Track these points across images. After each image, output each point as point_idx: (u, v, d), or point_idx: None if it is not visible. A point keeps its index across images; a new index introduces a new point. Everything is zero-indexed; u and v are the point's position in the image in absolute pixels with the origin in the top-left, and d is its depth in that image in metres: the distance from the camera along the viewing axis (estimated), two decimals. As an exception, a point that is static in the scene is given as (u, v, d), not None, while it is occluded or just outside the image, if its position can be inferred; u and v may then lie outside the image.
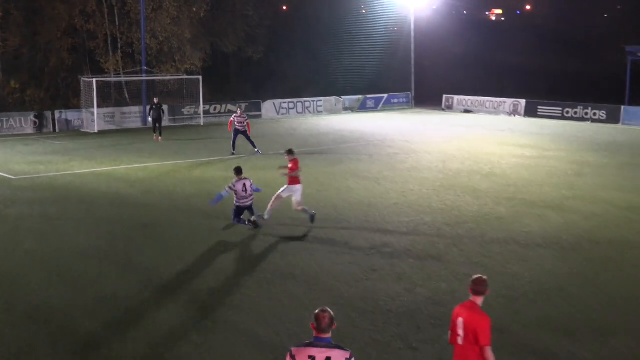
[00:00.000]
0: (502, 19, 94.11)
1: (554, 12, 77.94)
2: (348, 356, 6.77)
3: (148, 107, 40.05)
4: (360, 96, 55.74)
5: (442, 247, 16.48)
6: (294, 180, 18.22)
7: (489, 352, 7.94)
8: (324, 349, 6.77)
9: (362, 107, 55.32)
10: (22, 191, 23.23)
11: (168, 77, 48.78)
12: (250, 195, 18.20)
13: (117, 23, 50.27)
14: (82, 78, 44.10)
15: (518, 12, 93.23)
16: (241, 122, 31.35)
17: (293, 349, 6.90)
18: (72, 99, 47.64)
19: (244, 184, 18.12)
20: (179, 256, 15.67)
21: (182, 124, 45.27)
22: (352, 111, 54.43)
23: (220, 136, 38.07)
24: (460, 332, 8.05)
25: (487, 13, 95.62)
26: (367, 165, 28.45)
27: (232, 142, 31.52)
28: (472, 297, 8.28)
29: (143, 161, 29.41)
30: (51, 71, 50.29)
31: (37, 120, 41.37)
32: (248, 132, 31.54)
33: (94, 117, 41.65)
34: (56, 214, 19.87)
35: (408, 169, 27.48)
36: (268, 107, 50.45)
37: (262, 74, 59.38)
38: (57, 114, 42.21)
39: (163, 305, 12.73)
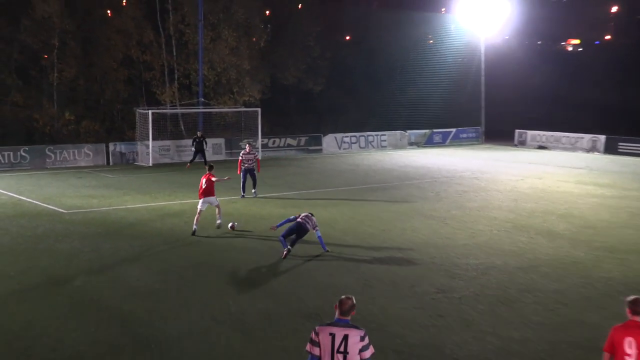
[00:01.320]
0: (580, 49, 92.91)
1: (635, 42, 76.69)
2: (362, 334, 8.38)
3: (191, 140, 40.70)
4: (426, 130, 55.55)
5: (513, 292, 16.16)
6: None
7: None
8: (342, 328, 8.39)
9: (429, 142, 55.09)
10: (74, 226, 23.60)
11: (225, 109, 49.43)
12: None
13: (174, 54, 51.28)
14: (138, 110, 44.99)
15: (597, 43, 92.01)
16: (250, 160, 29.24)
17: (317, 327, 8.50)
18: (127, 131, 48.86)
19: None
20: (234, 297, 15.67)
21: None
22: (418, 146, 54.25)
23: (279, 171, 38.26)
24: (631, 351, 8.31)
25: (562, 43, 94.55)
26: (433, 203, 28.21)
27: (241, 185, 29.31)
28: (632, 317, 8.57)
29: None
30: (106, 103, 51.67)
31: (90, 153, 42.15)
32: (257, 169, 29.55)
33: (149, 150, 42.44)
34: (108, 250, 20.10)
35: (477, 208, 27.17)
36: (329, 141, 50.61)
37: (323, 106, 59.78)
38: (111, 147, 43.00)
39: (218, 346, 12.69)
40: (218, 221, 23.10)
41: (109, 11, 53.77)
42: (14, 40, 48.72)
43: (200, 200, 22.83)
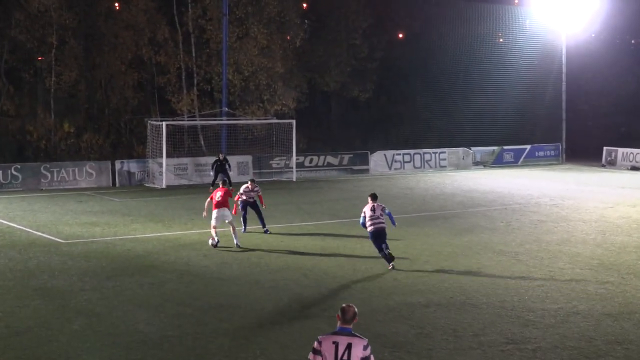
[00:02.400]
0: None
1: None
2: (365, 343, 9.60)
3: (212, 162, 40.99)
4: (495, 148, 55.39)
5: (601, 344, 15.96)
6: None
7: None
8: (345, 337, 9.58)
9: (498, 162, 54.89)
10: (73, 259, 23.74)
11: (254, 121, 49.59)
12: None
13: (193, 54, 51.61)
14: (149, 121, 45.26)
15: None
16: (251, 197, 28.65)
17: (320, 337, 9.68)
18: (136, 147, 49.38)
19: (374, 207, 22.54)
20: (262, 347, 15.67)
21: (269, 179, 46.10)
22: (485, 166, 54.07)
23: (317, 196, 38.31)
24: None
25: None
26: (503, 235, 28.04)
27: (242, 219, 28.65)
28: None
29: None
30: (112, 112, 52.05)
31: (93, 172, 42.56)
32: (261, 204, 28.83)
33: (162, 169, 42.75)
34: (112, 289, 20.16)
35: (557, 241, 26.95)
36: (377, 160, 50.64)
37: (370, 117, 59.82)
38: (117, 165, 43.34)
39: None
40: (235, 241, 25.09)
41: (116, 4, 54.20)
42: (4, 37, 49.55)
43: (214, 212, 24.75)
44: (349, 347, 9.48)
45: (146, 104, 52.98)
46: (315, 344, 9.63)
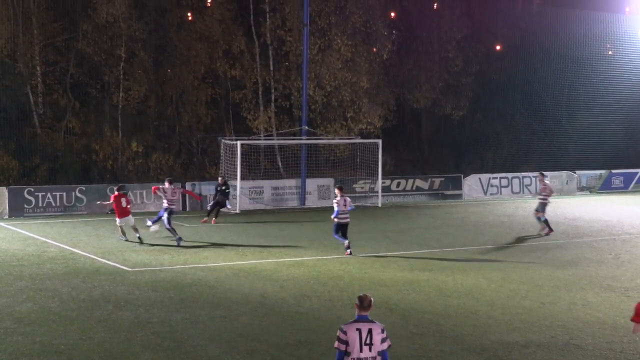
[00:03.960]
0: None
1: None
2: (383, 327, 11.93)
3: (214, 187, 41.11)
4: (602, 171, 54.68)
5: None
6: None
7: None
8: (366, 323, 11.88)
9: (606, 187, 54.16)
10: (140, 288, 23.96)
11: (336, 141, 49.47)
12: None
13: (271, 67, 51.79)
14: (223, 140, 45.44)
15: None
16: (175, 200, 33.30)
17: (343, 326, 11.93)
18: (208, 167, 49.84)
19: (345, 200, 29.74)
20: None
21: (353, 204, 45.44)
22: (591, 192, 53.42)
23: (405, 223, 38.14)
24: None
25: None
26: (611, 269, 27.59)
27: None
28: None
29: (298, 253, 29.97)
30: (183, 130, 52.43)
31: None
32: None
33: (237, 193, 43.09)
34: (182, 321, 20.22)
35: (673, 277, 26.45)
36: (472, 184, 50.35)
37: (464, 138, 59.46)
38: (188, 187, 43.57)
39: None
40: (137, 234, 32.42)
41: (189, 13, 54.77)
42: (70, 50, 50.40)
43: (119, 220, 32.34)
44: (370, 331, 11.78)
45: (220, 121, 53.23)
46: (340, 333, 11.85)
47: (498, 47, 69.99)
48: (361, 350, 11.71)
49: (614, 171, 55.03)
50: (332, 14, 52.56)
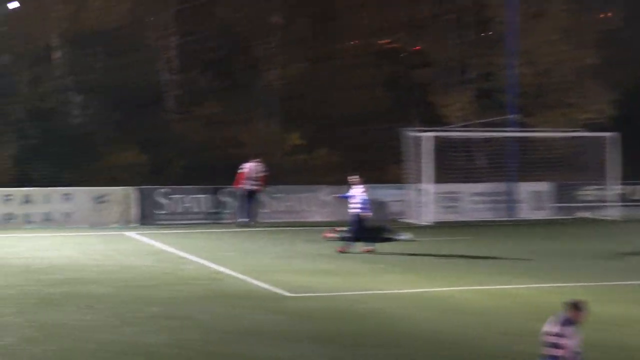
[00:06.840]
0: None
1: None
2: None
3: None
4: None
5: None
6: None
7: None
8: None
9: None
10: (302, 321, 23.08)
11: (554, 134, 47.46)
12: None
13: (468, 39, 51.41)
14: (409, 131, 44.02)
15: None
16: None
17: None
18: (388, 167, 49.13)
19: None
20: None
21: (574, 216, 45.66)
22: None
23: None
24: None
25: None
26: None
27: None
28: None
29: (505, 280, 28.76)
30: (354, 119, 51.42)
31: (329, 200, 42.03)
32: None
33: (427, 199, 42.48)
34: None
35: None
36: None
37: None
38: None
39: None
40: None
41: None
42: (208, 19, 51.17)
43: None
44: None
45: (401, 108, 52.53)
46: None
47: None
48: None
49: None
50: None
